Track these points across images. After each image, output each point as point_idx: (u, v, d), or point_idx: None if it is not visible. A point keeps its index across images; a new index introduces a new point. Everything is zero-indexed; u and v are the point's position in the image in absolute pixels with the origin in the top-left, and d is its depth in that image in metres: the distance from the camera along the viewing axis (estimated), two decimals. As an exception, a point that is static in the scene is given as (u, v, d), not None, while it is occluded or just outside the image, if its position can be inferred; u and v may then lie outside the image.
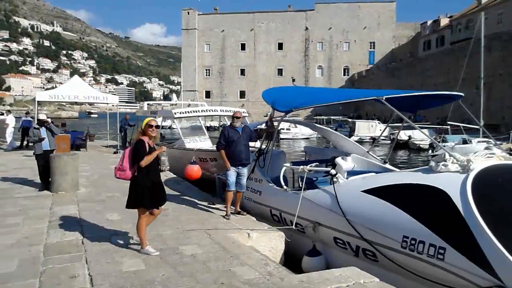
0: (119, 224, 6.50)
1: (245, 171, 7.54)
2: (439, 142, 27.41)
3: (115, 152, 17.66)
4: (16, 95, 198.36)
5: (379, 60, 79.11)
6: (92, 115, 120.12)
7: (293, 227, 6.52)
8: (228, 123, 17.99)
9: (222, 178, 9.71)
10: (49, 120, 11.64)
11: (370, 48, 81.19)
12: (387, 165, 8.10)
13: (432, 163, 5.48)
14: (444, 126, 31.71)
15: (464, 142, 26.64)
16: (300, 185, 6.91)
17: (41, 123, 9.81)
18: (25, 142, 18.90)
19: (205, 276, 4.44)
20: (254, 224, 6.88)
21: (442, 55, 53.13)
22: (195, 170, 11.07)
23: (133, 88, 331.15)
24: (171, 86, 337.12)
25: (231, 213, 7.43)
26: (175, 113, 15.23)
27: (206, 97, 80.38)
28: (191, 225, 6.60)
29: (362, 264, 5.51)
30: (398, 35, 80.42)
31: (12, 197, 8.46)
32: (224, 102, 77.39)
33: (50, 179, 9.10)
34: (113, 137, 23.21)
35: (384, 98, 6.09)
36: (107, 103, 18.86)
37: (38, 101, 17.02)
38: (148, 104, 21.73)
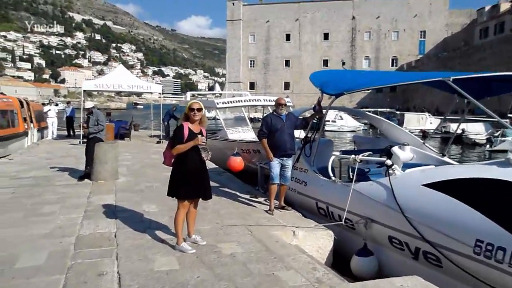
0: (155, 217, 6.11)
1: (289, 162, 6.97)
2: (498, 136, 25.65)
3: (158, 142, 17.57)
4: (69, 87, 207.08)
5: (430, 49, 75.62)
6: (138, 107, 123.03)
7: (342, 222, 5.89)
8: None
9: (264, 167, 9.21)
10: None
11: (421, 37, 77.78)
12: (446, 158, 7.25)
13: (511, 156, 4.67)
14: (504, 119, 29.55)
15: (527, 136, 24.77)
16: (351, 176, 6.27)
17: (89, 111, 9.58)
18: (71, 131, 19.26)
19: (245, 280, 3.91)
20: (300, 220, 6.29)
21: (501, 43, 49.74)
22: (237, 162, 10.59)
23: (179, 80, 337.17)
24: (216, 78, 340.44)
25: (275, 207, 6.89)
26: (217, 103, 14.85)
27: (250, 89, 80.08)
28: (232, 219, 6.12)
29: (422, 269, 4.82)
30: (451, 23, 76.43)
31: (53, 185, 8.34)
32: (268, 93, 76.77)
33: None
34: (157, 128, 23.28)
35: (451, 79, 5.28)
36: (151, 92, 18.79)
37: (86, 92, 17.19)
38: (191, 94, 21.53)
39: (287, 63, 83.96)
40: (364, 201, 5.70)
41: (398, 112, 47.02)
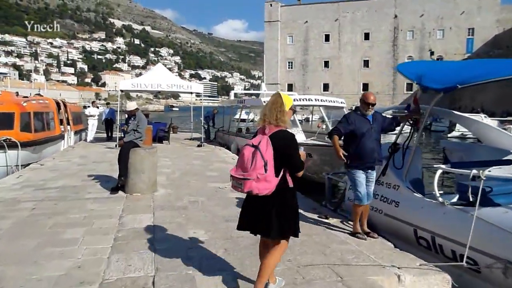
0: (207, 248, 4.62)
1: (374, 175, 5.36)
2: None
3: (199, 146, 16.26)
4: (110, 90, 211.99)
5: (479, 47, 71.34)
6: (173, 109, 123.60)
7: (464, 263, 4.22)
8: (324, 115, 16.07)
9: (334, 179, 7.61)
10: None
11: (468, 35, 73.57)
12: None
13: None
14: None
15: None
16: (469, 198, 4.61)
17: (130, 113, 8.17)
18: (109, 133, 18.31)
19: None
20: (397, 255, 4.64)
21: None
22: None
23: (215, 83, 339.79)
24: (252, 80, 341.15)
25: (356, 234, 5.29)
26: (264, 102, 13.39)
27: (288, 90, 78.49)
28: (308, 255, 4.54)
29: None
30: (502, 19, 71.79)
31: (81, 198, 7.04)
32: (307, 95, 74.85)
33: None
34: (197, 130, 22.13)
35: None
36: (191, 93, 17.54)
37: (124, 93, 16.18)
38: (235, 94, 20.20)
39: (326, 64, 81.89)
40: (497, 236, 4.02)
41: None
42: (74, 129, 17.82)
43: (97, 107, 19.51)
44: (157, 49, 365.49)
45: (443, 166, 4.96)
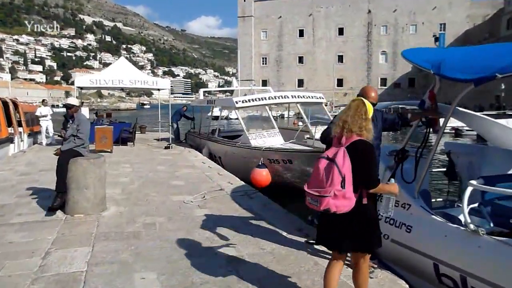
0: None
1: None
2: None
3: (166, 147, 14.78)
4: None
5: (451, 43, 71.88)
6: (144, 106, 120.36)
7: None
8: (302, 112, 14.80)
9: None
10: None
11: (440, 30, 74.08)
12: None
13: None
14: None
15: None
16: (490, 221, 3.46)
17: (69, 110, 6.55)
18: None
19: None
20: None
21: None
22: (263, 176, 8.26)
23: (189, 80, 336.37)
24: (226, 77, 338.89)
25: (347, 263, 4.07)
26: (236, 102, 12.00)
27: (262, 86, 77.42)
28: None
29: None
30: (472, 14, 72.86)
31: (7, 223, 5.54)
32: (281, 91, 73.87)
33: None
34: (166, 130, 20.59)
35: None
36: (158, 89, 16.03)
37: (97, 92, 14.52)
38: (204, 91, 18.72)
39: (300, 59, 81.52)
40: None
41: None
42: (27, 131, 16.03)
43: (51, 106, 17.67)
44: (129, 46, 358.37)
45: (474, 182, 3.74)
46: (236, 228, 5.46)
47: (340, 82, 78.29)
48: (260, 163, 9.35)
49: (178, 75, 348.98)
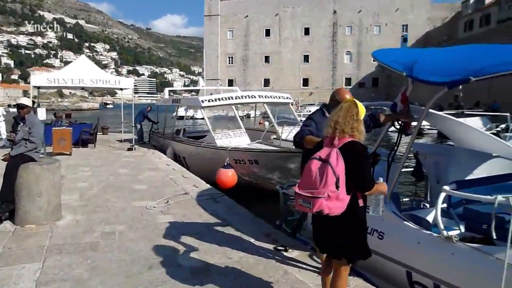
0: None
1: None
2: (500, 131, 23.25)
3: (129, 149, 14.26)
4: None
5: (412, 44, 73.88)
6: (107, 106, 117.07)
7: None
8: (268, 112, 14.63)
9: (290, 195, 6.16)
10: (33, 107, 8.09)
11: (403, 31, 75.99)
12: None
13: None
14: (504, 114, 27.30)
15: (536, 131, 22.36)
16: (493, 234, 3.37)
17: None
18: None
19: None
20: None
21: (487, 35, 47.84)
22: (229, 176, 8.11)
23: (154, 79, 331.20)
24: (192, 77, 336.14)
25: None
26: (202, 101, 11.75)
27: (228, 86, 77.06)
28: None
29: None
30: (433, 17, 75.23)
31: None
32: (248, 90, 73.70)
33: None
34: (129, 131, 19.95)
35: None
36: (121, 89, 15.45)
37: (58, 91, 13.77)
38: (169, 90, 18.23)
39: (266, 59, 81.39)
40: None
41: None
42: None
43: (7, 106, 16.75)
44: (92, 44, 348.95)
45: (447, 188, 3.64)
46: (201, 235, 5.20)
47: (306, 82, 78.96)
48: (225, 164, 9.19)
49: (143, 74, 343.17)
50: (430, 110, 4.97)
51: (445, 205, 5.10)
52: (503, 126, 23.67)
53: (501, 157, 5.02)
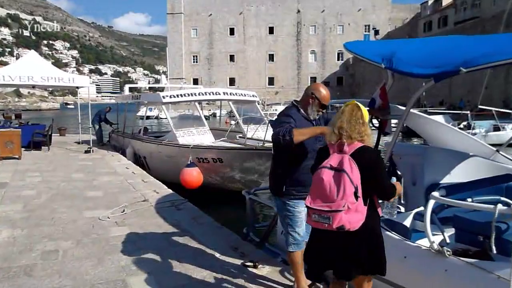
0: None
1: None
2: (463, 129, 23.72)
3: (86, 151, 13.34)
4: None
5: (376, 43, 75.37)
6: (68, 106, 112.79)
7: None
8: (234, 110, 14.09)
9: (258, 201, 5.67)
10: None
11: (365, 31, 77.51)
12: None
13: None
14: (464, 112, 27.97)
15: (496, 128, 23.07)
16: (492, 245, 2.97)
17: None
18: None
19: None
20: None
21: (446, 35, 49.26)
22: (193, 175, 8.17)
23: (118, 79, 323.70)
24: (156, 76, 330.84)
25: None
26: (163, 97, 11.16)
27: (193, 84, 75.97)
28: None
29: None
30: (393, 17, 77.10)
31: None
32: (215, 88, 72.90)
33: None
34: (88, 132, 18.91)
35: None
36: (77, 87, 14.49)
37: (15, 91, 12.67)
38: (130, 87, 17.33)
39: (231, 58, 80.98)
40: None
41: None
42: None
43: None
44: (51, 42, 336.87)
45: (436, 194, 3.22)
46: (160, 250, 4.60)
47: (271, 81, 79.07)
48: (189, 162, 8.68)
49: (106, 73, 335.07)
50: (399, 107, 4.60)
51: (421, 208, 4.75)
52: (464, 123, 24.24)
53: (478, 156, 4.78)
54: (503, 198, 3.96)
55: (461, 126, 23.76)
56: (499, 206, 2.75)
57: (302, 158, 3.34)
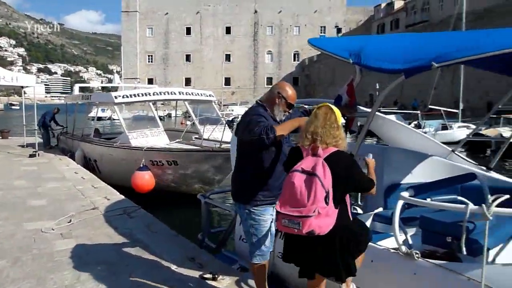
0: None
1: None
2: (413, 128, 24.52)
3: (31, 155, 12.49)
4: None
5: (331, 45, 76.88)
6: (13, 107, 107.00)
7: None
8: (190, 110, 13.69)
9: (214, 204, 5.42)
10: None
11: (321, 32, 78.82)
12: (493, 174, 4.43)
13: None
14: (415, 111, 28.93)
15: (444, 127, 24.08)
16: (462, 247, 2.89)
17: None
18: None
19: None
20: None
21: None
22: (145, 179, 8.09)
23: (69, 78, 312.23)
24: (110, 76, 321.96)
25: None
26: (115, 97, 10.67)
27: (148, 85, 74.34)
28: None
29: None
30: (348, 19, 78.89)
31: None
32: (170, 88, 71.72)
33: None
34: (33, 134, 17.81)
35: None
36: (22, 87, 13.57)
37: None
38: (80, 87, 16.47)
39: (188, 57, 79.98)
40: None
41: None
42: None
43: None
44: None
45: (406, 195, 3.08)
46: (111, 264, 4.21)
47: (228, 81, 78.83)
48: (141, 165, 8.48)
49: (56, 73, 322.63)
50: (361, 107, 4.49)
51: (380, 209, 4.67)
52: (415, 122, 25.10)
53: (436, 156, 4.79)
54: (459, 198, 3.91)
55: (412, 125, 24.54)
56: (470, 205, 2.64)
57: (269, 162, 3.11)
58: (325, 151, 2.57)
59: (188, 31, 79.52)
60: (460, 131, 22.99)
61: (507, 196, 2.55)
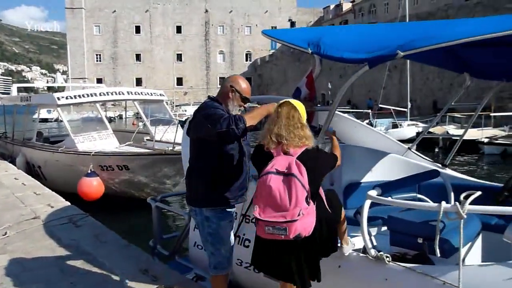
0: None
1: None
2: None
3: (-35, 161, 11.51)
4: None
5: (280, 46, 77.74)
6: None
7: None
8: (140, 111, 13.13)
9: (165, 208, 5.12)
10: None
11: (272, 33, 79.46)
12: (448, 170, 4.55)
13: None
14: (366, 110, 29.75)
15: (394, 126, 24.98)
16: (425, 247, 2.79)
17: None
18: None
19: None
20: None
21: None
22: (93, 186, 7.78)
23: (10, 78, 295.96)
24: (55, 75, 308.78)
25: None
26: (58, 99, 10.04)
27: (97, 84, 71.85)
28: None
29: None
30: (298, 20, 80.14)
31: None
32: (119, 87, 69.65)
33: None
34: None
35: None
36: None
37: None
38: (19, 87, 15.38)
39: (138, 57, 78.05)
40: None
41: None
42: None
43: None
44: None
45: (373, 193, 2.92)
46: (52, 283, 3.79)
47: (180, 81, 77.76)
48: (89, 171, 8.16)
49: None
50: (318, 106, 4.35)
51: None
52: (367, 121, 25.76)
53: (393, 154, 4.82)
54: (419, 195, 3.84)
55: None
56: (444, 204, 2.50)
57: (228, 161, 2.86)
58: (296, 151, 2.49)
59: (138, 29, 77.63)
60: (409, 129, 23.91)
61: (479, 193, 2.44)
